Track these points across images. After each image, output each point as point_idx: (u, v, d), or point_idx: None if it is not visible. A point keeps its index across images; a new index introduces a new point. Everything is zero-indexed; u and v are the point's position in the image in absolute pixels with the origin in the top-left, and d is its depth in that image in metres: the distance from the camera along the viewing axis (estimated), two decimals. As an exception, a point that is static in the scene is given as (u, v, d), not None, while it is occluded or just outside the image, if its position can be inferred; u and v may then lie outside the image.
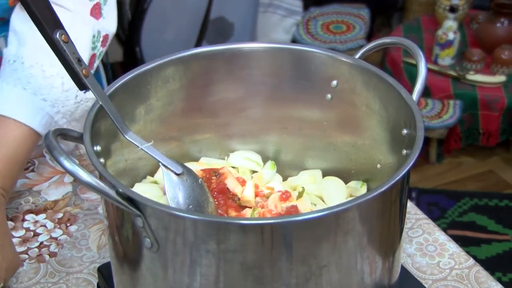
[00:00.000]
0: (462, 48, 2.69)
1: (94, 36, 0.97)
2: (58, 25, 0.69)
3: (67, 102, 0.92)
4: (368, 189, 0.86)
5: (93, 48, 0.97)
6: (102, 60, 1.13)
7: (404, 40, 0.82)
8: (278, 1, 3.01)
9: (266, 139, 0.93)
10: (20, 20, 0.93)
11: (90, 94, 0.73)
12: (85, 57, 0.95)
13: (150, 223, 0.64)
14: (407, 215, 0.93)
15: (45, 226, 0.99)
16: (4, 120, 0.88)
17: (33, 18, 0.69)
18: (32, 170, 1.10)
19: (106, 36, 1.00)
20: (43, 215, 1.01)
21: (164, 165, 0.77)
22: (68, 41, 0.70)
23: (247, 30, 2.86)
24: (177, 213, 0.65)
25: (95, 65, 1.00)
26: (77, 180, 0.62)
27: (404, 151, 0.75)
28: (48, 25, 0.69)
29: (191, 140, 0.90)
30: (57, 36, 0.69)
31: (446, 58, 2.64)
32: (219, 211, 0.82)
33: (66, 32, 0.70)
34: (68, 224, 0.99)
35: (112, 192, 0.63)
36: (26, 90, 0.89)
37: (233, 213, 0.83)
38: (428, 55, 2.68)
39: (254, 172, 0.92)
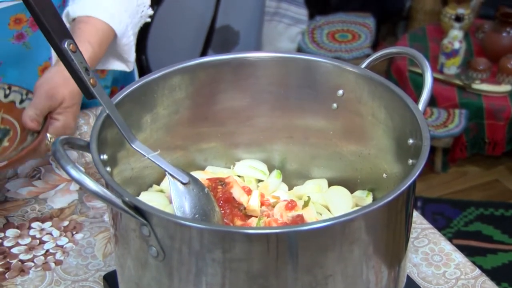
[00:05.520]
0: (468, 57, 2.69)
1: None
2: (66, 34, 0.70)
3: (136, 15, 1.16)
4: (374, 199, 0.86)
5: None
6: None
7: (410, 50, 0.82)
8: (283, 10, 3.02)
9: (272, 148, 0.93)
10: None
11: (149, 11, 1.17)
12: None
13: (156, 232, 0.64)
14: (412, 225, 0.93)
15: (51, 234, 0.99)
16: (95, 19, 1.09)
17: (41, 27, 0.69)
18: (39, 178, 1.10)
19: None
20: (49, 223, 1.01)
21: (170, 174, 0.77)
22: (76, 50, 0.70)
23: (252, 39, 2.86)
24: (183, 222, 0.65)
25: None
26: (83, 189, 0.62)
27: (410, 161, 0.75)
28: (56, 34, 0.69)
29: (197, 149, 0.91)
30: (65, 45, 0.69)
31: (451, 67, 2.64)
32: (225, 220, 0.82)
33: (74, 42, 0.70)
34: (74, 232, 0.99)
35: (118, 201, 0.63)
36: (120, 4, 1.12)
37: (239, 222, 0.83)
38: (434, 64, 2.68)
39: (260, 181, 0.92)
